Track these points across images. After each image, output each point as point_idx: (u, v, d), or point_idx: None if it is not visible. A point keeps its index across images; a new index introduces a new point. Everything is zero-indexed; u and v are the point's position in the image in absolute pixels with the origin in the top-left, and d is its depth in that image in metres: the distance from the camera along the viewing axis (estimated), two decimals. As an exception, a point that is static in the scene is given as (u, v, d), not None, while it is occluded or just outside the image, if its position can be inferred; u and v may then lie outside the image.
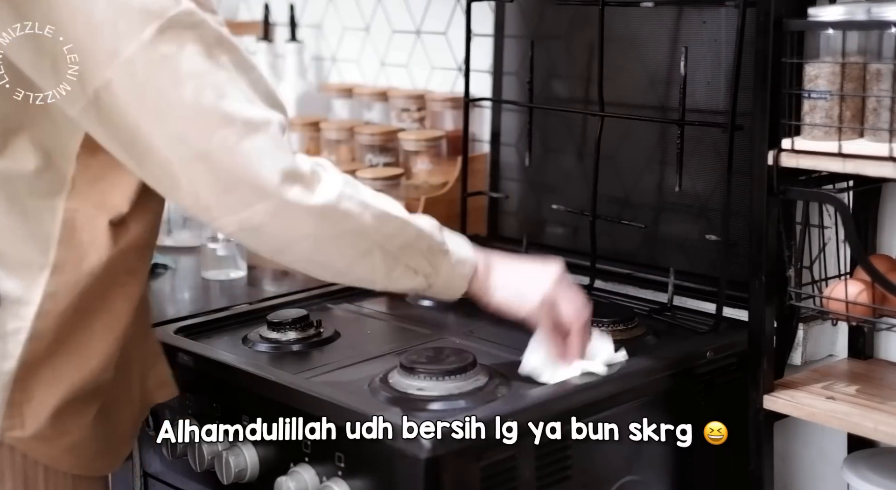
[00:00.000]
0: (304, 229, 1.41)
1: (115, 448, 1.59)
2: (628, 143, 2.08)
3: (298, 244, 1.43)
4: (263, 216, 1.39)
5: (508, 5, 2.28)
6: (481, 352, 1.74)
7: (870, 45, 1.54)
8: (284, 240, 1.42)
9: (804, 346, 1.88)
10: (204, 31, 1.37)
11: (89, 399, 1.50)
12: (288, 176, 1.39)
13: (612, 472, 1.66)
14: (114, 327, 1.49)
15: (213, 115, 1.36)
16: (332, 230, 1.43)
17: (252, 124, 1.38)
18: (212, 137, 1.36)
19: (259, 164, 1.37)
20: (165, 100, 1.35)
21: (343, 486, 1.53)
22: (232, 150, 1.36)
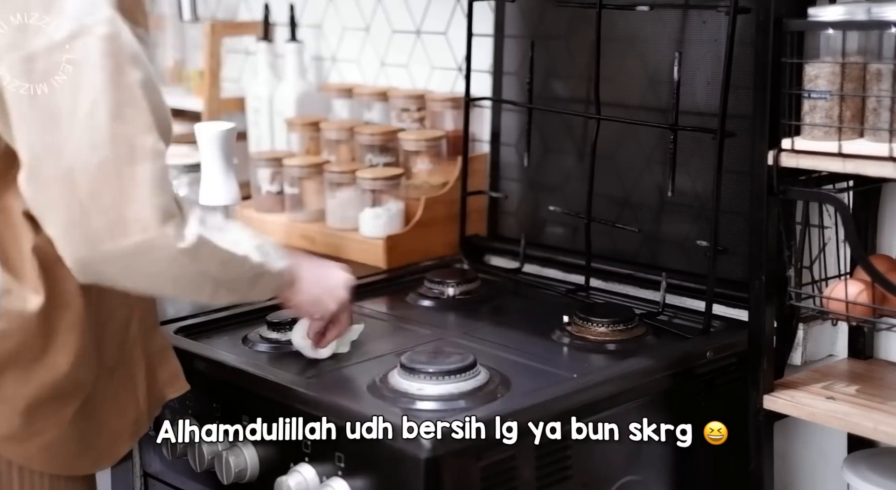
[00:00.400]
0: (162, 268, 1.38)
1: (104, 447, 1.58)
2: (628, 143, 2.08)
3: (144, 280, 1.41)
4: (127, 250, 1.35)
5: (509, 5, 2.28)
6: (481, 352, 1.74)
7: (870, 45, 1.54)
8: (133, 274, 1.39)
9: (804, 346, 1.88)
10: (118, 44, 1.34)
11: (65, 398, 1.49)
12: (166, 214, 1.36)
13: (612, 472, 1.66)
14: (77, 324, 1.48)
15: (102, 134, 1.32)
16: (184, 272, 1.41)
17: (142, 152, 1.34)
18: (92, 156, 1.32)
19: (141, 196, 1.34)
20: (59, 105, 1.32)
21: (343, 486, 1.53)
22: (115, 174, 1.33)
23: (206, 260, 1.42)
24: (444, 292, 2.09)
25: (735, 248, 1.88)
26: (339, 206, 2.36)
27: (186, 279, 1.42)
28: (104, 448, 1.58)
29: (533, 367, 1.74)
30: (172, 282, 1.42)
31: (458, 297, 2.08)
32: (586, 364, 1.78)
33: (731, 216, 1.91)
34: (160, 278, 1.40)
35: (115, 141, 1.33)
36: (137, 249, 1.35)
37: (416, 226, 2.28)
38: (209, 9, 3.04)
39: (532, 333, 1.89)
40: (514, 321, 1.99)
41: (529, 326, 1.93)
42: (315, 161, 2.45)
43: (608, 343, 1.82)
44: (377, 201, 2.29)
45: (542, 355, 1.79)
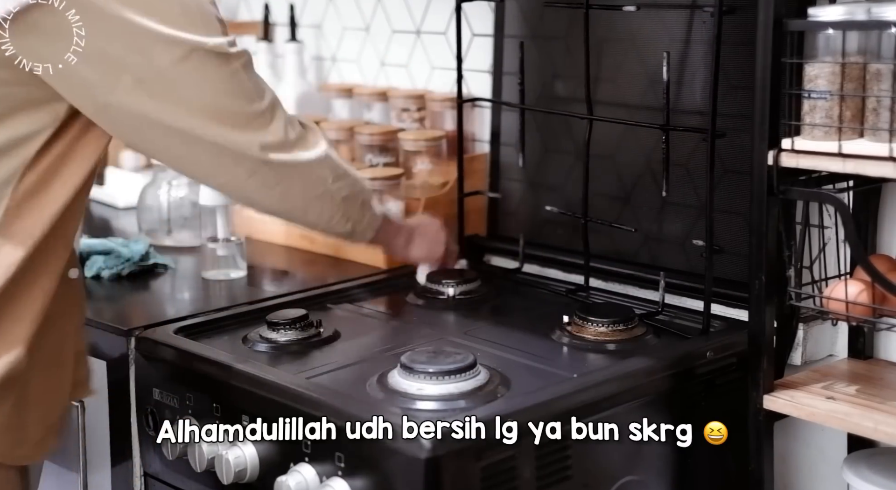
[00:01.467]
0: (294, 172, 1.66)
1: (36, 440, 1.60)
2: (628, 143, 2.08)
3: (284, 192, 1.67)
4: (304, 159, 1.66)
5: (509, 5, 2.28)
6: (481, 352, 1.75)
7: (870, 45, 1.54)
8: (286, 185, 1.66)
9: (804, 346, 1.88)
10: (231, 58, 1.57)
11: (6, 388, 1.52)
12: (292, 142, 1.65)
13: (612, 472, 1.66)
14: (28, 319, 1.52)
15: (229, 114, 1.58)
16: (316, 182, 1.70)
17: (259, 111, 1.60)
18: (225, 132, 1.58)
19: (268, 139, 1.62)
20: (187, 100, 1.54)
21: (343, 486, 1.53)
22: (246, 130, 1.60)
23: (329, 172, 1.72)
24: (444, 292, 2.09)
25: (735, 248, 1.88)
26: (339, 206, 2.35)
27: (316, 192, 1.71)
28: (34, 442, 1.61)
29: (533, 367, 1.74)
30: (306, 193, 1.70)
31: (458, 297, 2.08)
32: (586, 364, 1.78)
33: (731, 216, 1.91)
34: (304, 190, 1.69)
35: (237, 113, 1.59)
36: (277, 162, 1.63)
37: (416, 226, 2.28)
38: (209, 9, 3.03)
39: (532, 333, 1.89)
40: (514, 321, 1.99)
41: (529, 326, 1.93)
42: (315, 161, 2.44)
43: (608, 343, 1.82)
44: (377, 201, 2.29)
45: (542, 355, 1.79)
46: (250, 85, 1.61)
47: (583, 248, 2.06)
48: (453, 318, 2.01)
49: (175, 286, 2.23)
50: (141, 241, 2.31)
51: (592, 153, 2.03)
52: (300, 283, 2.22)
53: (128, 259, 2.22)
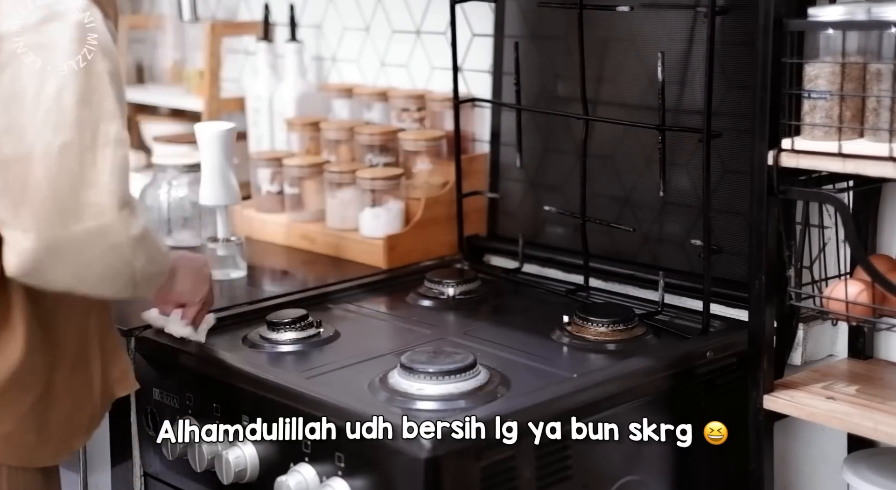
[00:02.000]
0: (104, 256, 1.39)
1: (62, 440, 1.57)
2: (628, 143, 2.08)
3: (79, 271, 1.39)
4: (79, 235, 1.35)
5: (508, 5, 2.28)
6: (481, 352, 1.74)
7: (870, 45, 1.54)
8: (75, 263, 1.38)
9: (804, 346, 1.88)
10: (89, 31, 1.35)
11: (23, 388, 1.49)
12: (123, 201, 1.37)
13: (612, 472, 1.66)
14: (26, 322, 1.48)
15: (67, 118, 1.33)
16: (120, 261, 1.42)
17: (105, 138, 1.35)
18: (55, 139, 1.32)
19: (101, 181, 1.35)
20: (26, 87, 1.32)
21: (343, 486, 1.53)
22: (76, 158, 1.33)
23: (143, 253, 1.44)
24: (444, 292, 2.09)
25: (735, 248, 1.88)
26: (339, 206, 2.36)
27: (113, 270, 1.42)
28: (62, 441, 1.58)
29: (533, 367, 1.74)
30: (101, 271, 1.41)
31: (458, 297, 2.08)
32: (586, 364, 1.78)
33: (731, 216, 1.91)
34: (95, 268, 1.40)
35: (80, 125, 1.33)
36: (89, 235, 1.36)
37: (416, 226, 2.28)
38: (209, 9, 3.04)
39: (532, 333, 1.89)
40: (514, 321, 1.99)
41: (529, 326, 1.93)
42: (315, 161, 2.45)
43: (608, 343, 1.82)
44: (377, 201, 2.29)
45: (542, 355, 1.79)
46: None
47: (582, 248, 2.06)
48: (453, 318, 2.01)
49: (175, 286, 2.22)
50: (141, 241, 2.31)
51: (592, 153, 2.03)
52: (300, 283, 2.22)
53: (128, 259, 2.22)
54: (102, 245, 1.37)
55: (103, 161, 1.35)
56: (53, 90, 1.32)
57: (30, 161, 1.32)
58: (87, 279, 1.41)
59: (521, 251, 2.21)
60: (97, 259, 1.39)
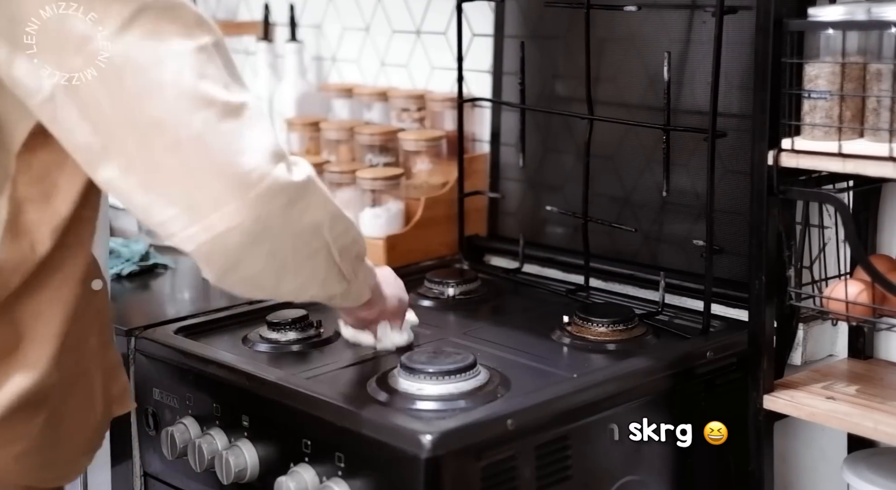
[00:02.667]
0: (278, 217, 1.33)
1: (69, 460, 1.54)
2: (629, 143, 2.08)
3: (264, 244, 1.33)
4: (259, 201, 1.30)
5: (508, 5, 2.28)
6: (481, 352, 1.74)
7: (870, 45, 1.54)
8: (273, 234, 1.33)
9: (804, 346, 1.88)
10: (181, 12, 1.31)
11: (36, 406, 1.45)
12: (276, 155, 1.33)
13: (612, 472, 1.66)
14: (51, 333, 1.44)
15: (194, 96, 1.30)
16: (302, 222, 1.36)
17: (234, 105, 1.32)
18: (193, 119, 1.29)
19: (251, 145, 1.32)
20: (142, 82, 1.29)
21: (343, 486, 1.52)
22: (217, 131, 1.30)
23: (320, 206, 1.38)
24: (444, 292, 2.09)
25: (735, 248, 1.88)
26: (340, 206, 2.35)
27: (304, 237, 1.37)
28: (67, 462, 1.54)
29: (533, 367, 1.74)
30: (292, 239, 1.36)
31: (458, 297, 2.08)
32: (586, 364, 1.78)
33: (731, 216, 1.91)
34: (286, 240, 1.35)
35: (208, 100, 1.30)
36: (263, 199, 1.31)
37: (416, 226, 2.28)
38: (209, 9, 3.04)
39: (532, 333, 1.89)
40: (514, 321, 1.99)
41: (529, 326, 1.93)
42: (315, 161, 2.44)
43: (608, 343, 1.82)
44: (377, 201, 2.30)
45: (542, 355, 1.79)
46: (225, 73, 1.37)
47: (583, 248, 2.06)
48: (453, 318, 2.01)
49: (175, 286, 2.23)
50: (141, 241, 2.32)
51: (592, 153, 2.03)
52: (300, 283, 2.21)
53: (128, 259, 2.22)
54: (279, 204, 1.32)
55: (243, 125, 1.32)
56: (171, 74, 1.29)
57: (180, 148, 1.29)
58: (284, 260, 1.36)
59: (521, 251, 2.21)
60: (282, 226, 1.33)
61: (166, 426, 1.77)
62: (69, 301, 1.45)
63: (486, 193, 2.34)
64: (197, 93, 1.30)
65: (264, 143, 1.33)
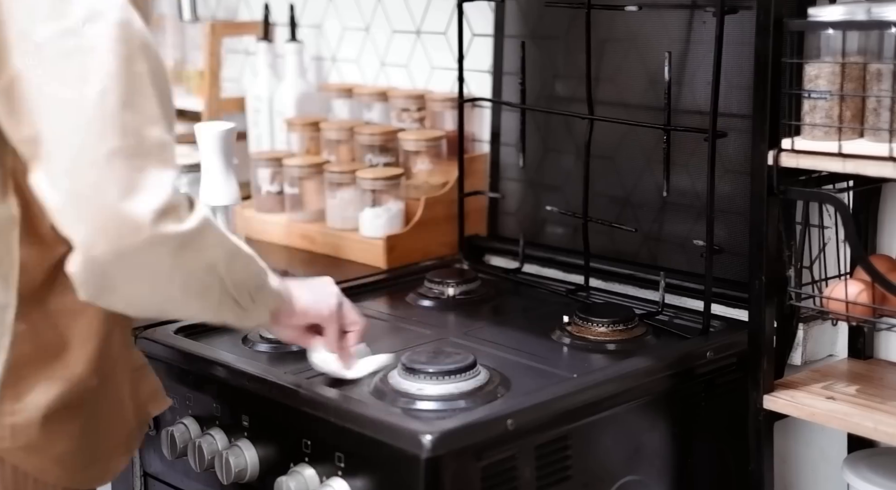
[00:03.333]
0: (159, 265, 1.31)
1: (105, 461, 1.54)
2: (629, 143, 2.08)
3: (137, 285, 1.32)
4: (135, 246, 1.28)
5: (508, 5, 2.28)
6: (481, 352, 1.74)
7: (870, 45, 1.54)
8: (126, 278, 1.31)
9: (804, 346, 1.88)
10: (131, 31, 1.29)
11: (76, 407, 1.46)
12: (165, 211, 1.29)
13: (612, 472, 1.66)
14: (92, 332, 1.45)
15: (112, 122, 1.27)
16: (194, 264, 1.34)
17: (149, 143, 1.29)
18: (101, 146, 1.26)
19: (148, 187, 1.28)
20: (67, 93, 1.27)
21: (343, 486, 1.53)
22: (123, 166, 1.27)
23: (213, 247, 1.36)
24: (444, 292, 2.09)
25: (735, 248, 1.88)
26: (339, 206, 2.36)
27: (196, 276, 1.35)
28: (104, 463, 1.54)
29: (533, 367, 1.74)
30: (182, 280, 1.34)
31: (458, 297, 2.08)
32: (586, 364, 1.78)
33: (731, 216, 1.91)
34: (167, 277, 1.33)
35: (125, 131, 1.28)
36: (141, 248, 1.28)
37: (416, 226, 2.28)
38: (209, 9, 3.04)
39: (532, 333, 1.89)
40: (514, 321, 1.99)
41: (529, 326, 1.93)
42: (315, 161, 2.45)
43: (608, 343, 1.82)
44: (377, 201, 2.30)
45: (542, 355, 1.79)
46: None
47: (583, 248, 2.06)
48: (453, 318, 2.01)
49: (175, 286, 2.22)
50: (141, 241, 2.31)
51: (592, 153, 2.03)
52: (300, 283, 2.21)
53: (128, 259, 2.21)
54: (163, 252, 1.30)
55: (149, 167, 1.29)
56: (96, 95, 1.27)
57: (79, 172, 1.27)
58: (169, 287, 1.34)
59: (521, 251, 2.21)
60: (167, 264, 1.31)
61: (166, 426, 1.77)
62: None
63: (486, 193, 2.34)
64: (117, 120, 1.27)
65: (164, 190, 1.29)
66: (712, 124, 1.80)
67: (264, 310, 1.51)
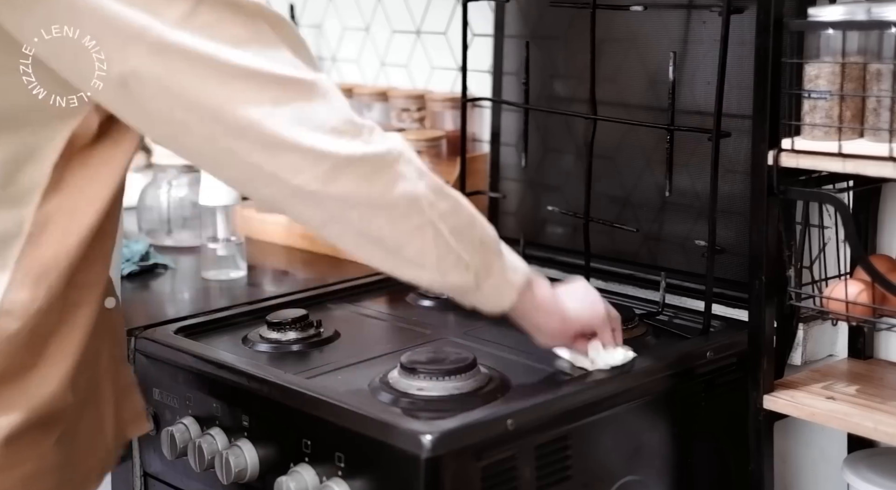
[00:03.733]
0: (357, 189, 1.30)
1: (77, 484, 1.50)
2: (629, 143, 2.08)
3: (348, 211, 1.32)
4: (315, 182, 1.28)
5: (508, 5, 2.28)
6: (481, 352, 1.74)
7: (870, 45, 1.54)
8: (334, 206, 1.31)
9: (804, 346, 1.88)
10: (240, 2, 1.29)
11: (47, 427, 1.41)
12: (342, 131, 1.30)
13: (612, 472, 1.66)
14: (67, 351, 1.40)
15: (260, 78, 1.27)
16: (385, 192, 1.32)
17: (301, 84, 1.29)
18: (262, 100, 1.27)
19: (312, 123, 1.29)
20: (209, 67, 1.26)
21: (343, 486, 1.52)
22: (284, 111, 1.28)
23: (413, 178, 1.33)
24: (445, 292, 2.08)
25: (735, 248, 1.88)
26: (340, 206, 2.35)
27: (401, 209, 1.33)
28: (77, 484, 1.50)
29: (533, 367, 1.74)
30: (387, 211, 1.32)
31: (459, 297, 2.08)
32: (586, 364, 1.78)
33: (732, 216, 1.91)
34: (365, 207, 1.31)
35: (274, 80, 1.28)
36: (328, 178, 1.29)
37: (417, 226, 2.28)
38: (209, 9, 3.03)
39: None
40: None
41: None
42: (315, 161, 2.44)
43: (608, 343, 1.82)
44: (377, 201, 2.29)
45: (542, 355, 1.79)
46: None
47: (584, 248, 2.06)
48: (453, 318, 2.01)
49: (175, 286, 2.23)
50: (141, 241, 2.32)
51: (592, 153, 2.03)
52: (300, 283, 2.22)
53: (128, 259, 2.22)
54: (354, 176, 1.30)
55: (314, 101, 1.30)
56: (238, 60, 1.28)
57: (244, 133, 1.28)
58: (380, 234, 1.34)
59: (521, 251, 2.20)
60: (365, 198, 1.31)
61: (166, 426, 1.77)
62: (88, 316, 1.42)
63: (486, 193, 2.34)
64: (263, 75, 1.28)
65: (333, 115, 1.30)
66: (716, 124, 1.80)
67: (506, 285, 1.44)
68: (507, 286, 1.47)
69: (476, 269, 1.41)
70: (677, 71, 1.95)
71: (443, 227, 1.36)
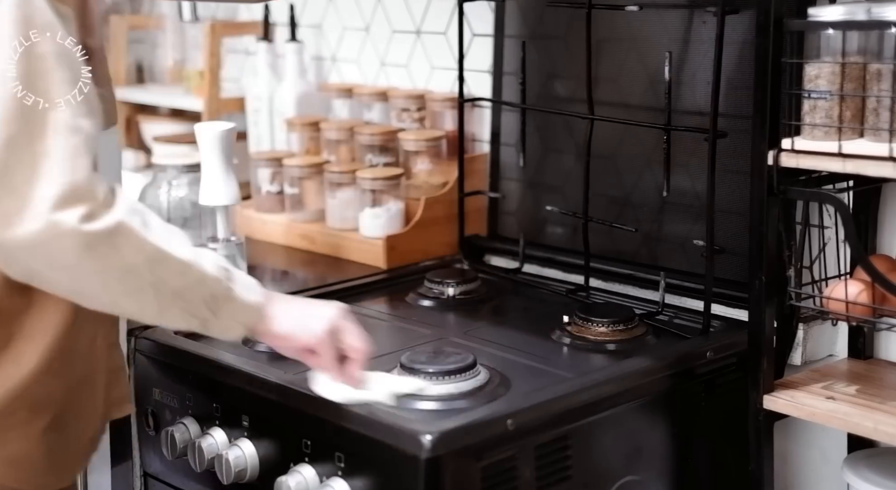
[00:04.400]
0: (65, 259, 1.27)
1: (70, 464, 1.51)
2: (628, 143, 2.08)
3: (56, 273, 1.29)
4: (33, 236, 1.25)
5: (508, 5, 2.28)
6: (481, 352, 1.74)
7: (870, 45, 1.54)
8: (41, 265, 1.28)
9: (804, 346, 1.88)
10: (29, 10, 1.25)
11: (35, 410, 1.41)
12: (65, 199, 1.25)
13: (612, 472, 1.66)
14: (43, 329, 1.40)
15: (10, 107, 1.24)
16: (97, 264, 1.29)
17: (54, 127, 1.25)
18: (2, 131, 1.23)
19: (44, 173, 1.24)
20: None
21: (343, 486, 1.53)
22: (26, 151, 1.24)
23: (129, 250, 1.29)
24: (444, 292, 2.09)
25: (735, 248, 1.88)
26: (339, 206, 2.36)
27: (114, 276, 1.30)
28: (68, 465, 1.51)
29: (533, 367, 1.74)
30: (99, 277, 1.29)
31: (458, 297, 2.08)
32: (586, 364, 1.78)
33: (732, 216, 1.91)
34: (81, 271, 1.28)
35: (25, 116, 1.24)
36: (41, 236, 1.25)
37: (416, 226, 2.28)
38: (209, 9, 3.03)
39: (532, 333, 1.89)
40: (514, 321, 1.99)
41: (529, 326, 1.93)
42: (315, 161, 2.45)
43: (608, 343, 1.82)
44: (377, 201, 2.29)
45: (542, 355, 1.79)
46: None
47: (583, 248, 2.06)
48: (453, 318, 2.01)
49: (175, 286, 2.22)
50: (141, 241, 2.31)
51: (592, 153, 2.03)
52: (300, 283, 2.21)
53: (128, 259, 2.22)
54: (61, 246, 1.26)
55: (53, 152, 1.25)
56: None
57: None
58: (88, 283, 1.31)
59: (521, 251, 2.21)
60: (74, 260, 1.27)
61: (166, 426, 1.77)
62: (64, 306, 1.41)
63: (486, 193, 2.34)
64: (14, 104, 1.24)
65: (68, 178, 1.25)
66: (713, 124, 1.80)
67: (234, 323, 1.43)
68: (235, 326, 1.45)
69: (202, 317, 1.40)
70: (678, 71, 1.96)
71: (164, 289, 1.35)
